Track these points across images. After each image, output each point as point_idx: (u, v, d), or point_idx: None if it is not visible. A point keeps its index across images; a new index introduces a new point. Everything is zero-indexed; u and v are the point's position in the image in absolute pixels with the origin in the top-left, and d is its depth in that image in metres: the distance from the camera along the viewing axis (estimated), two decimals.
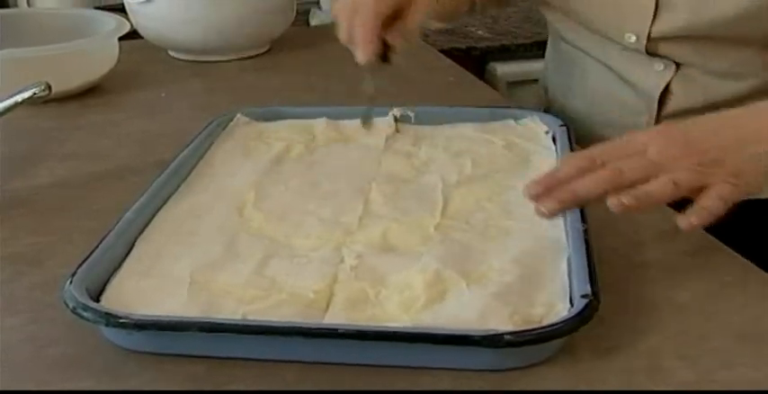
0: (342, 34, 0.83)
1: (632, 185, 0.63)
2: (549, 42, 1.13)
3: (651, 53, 0.90)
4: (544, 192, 0.63)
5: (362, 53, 0.80)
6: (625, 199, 0.61)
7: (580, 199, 0.63)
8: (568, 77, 1.05)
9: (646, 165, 0.64)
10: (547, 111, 1.10)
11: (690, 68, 0.90)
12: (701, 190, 0.64)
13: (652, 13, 0.87)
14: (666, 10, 0.86)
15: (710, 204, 0.63)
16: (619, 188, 0.62)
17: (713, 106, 0.77)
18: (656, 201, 0.63)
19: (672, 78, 0.91)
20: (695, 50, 0.88)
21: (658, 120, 0.93)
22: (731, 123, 0.69)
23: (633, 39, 0.89)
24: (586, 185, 0.63)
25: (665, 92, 0.92)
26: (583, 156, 0.66)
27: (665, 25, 0.87)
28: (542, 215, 0.63)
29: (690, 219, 0.63)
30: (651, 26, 0.88)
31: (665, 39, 0.88)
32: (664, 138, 0.67)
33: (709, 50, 0.88)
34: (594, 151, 0.66)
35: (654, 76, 0.92)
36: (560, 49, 1.06)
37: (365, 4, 0.81)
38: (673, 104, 0.92)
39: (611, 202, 0.62)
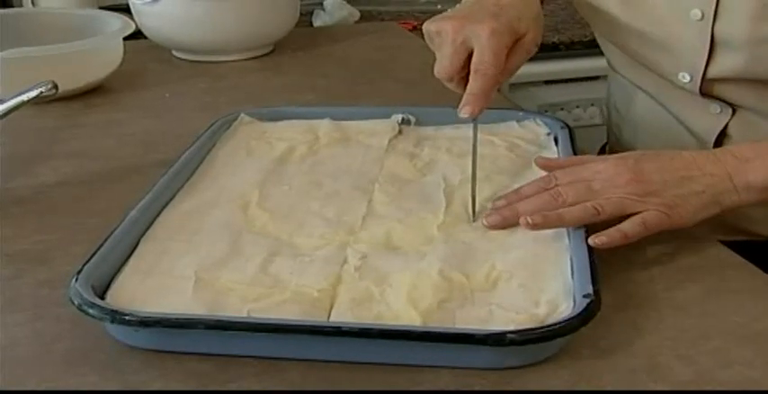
0: (445, 67, 0.78)
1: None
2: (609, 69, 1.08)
3: (706, 94, 0.85)
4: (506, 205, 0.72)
5: (476, 107, 0.75)
6: (531, 218, 0.68)
7: (519, 215, 0.69)
8: (623, 111, 1.02)
9: (584, 193, 0.69)
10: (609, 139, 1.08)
11: (748, 112, 0.85)
12: (630, 216, 0.68)
13: (707, 53, 0.81)
14: (724, 50, 0.81)
15: (628, 227, 0.67)
16: (554, 209, 0.69)
17: None
18: (567, 223, 0.68)
19: (729, 122, 0.86)
20: (755, 94, 0.83)
21: None
22: (683, 164, 0.70)
23: (687, 79, 0.85)
24: (525, 205, 0.70)
25: (722, 135, 0.87)
26: (544, 177, 0.73)
27: (721, 66, 0.82)
28: (486, 226, 0.71)
29: (596, 239, 0.66)
30: (707, 66, 0.82)
31: (721, 80, 0.83)
32: (615, 168, 0.70)
33: None
34: (557, 172, 0.72)
35: (709, 118, 0.87)
36: (615, 79, 1.02)
37: (487, 53, 0.75)
38: None
39: (521, 222, 0.69)
